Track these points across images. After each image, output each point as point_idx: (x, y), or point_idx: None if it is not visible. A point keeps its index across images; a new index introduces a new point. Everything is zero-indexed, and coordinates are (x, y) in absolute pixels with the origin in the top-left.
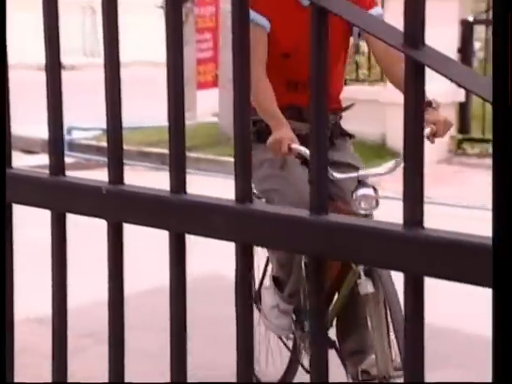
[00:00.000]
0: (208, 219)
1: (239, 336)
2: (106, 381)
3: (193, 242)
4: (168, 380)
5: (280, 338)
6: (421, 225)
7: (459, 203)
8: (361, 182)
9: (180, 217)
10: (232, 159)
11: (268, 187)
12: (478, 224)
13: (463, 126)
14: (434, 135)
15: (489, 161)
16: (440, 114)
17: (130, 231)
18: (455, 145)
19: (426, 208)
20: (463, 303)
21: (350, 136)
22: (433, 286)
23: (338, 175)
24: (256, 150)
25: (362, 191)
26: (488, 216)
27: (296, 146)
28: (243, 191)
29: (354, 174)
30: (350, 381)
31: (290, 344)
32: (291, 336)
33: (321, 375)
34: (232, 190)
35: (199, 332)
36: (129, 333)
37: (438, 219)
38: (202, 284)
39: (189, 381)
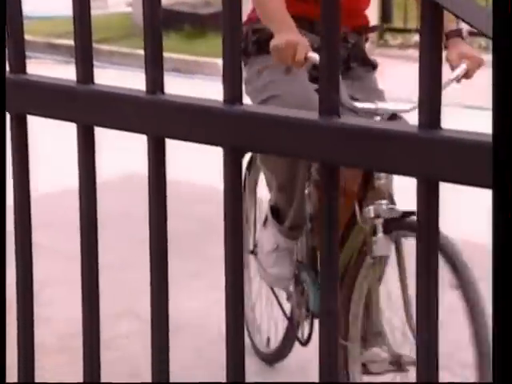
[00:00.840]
0: (117, 110)
1: (152, 232)
2: (14, 280)
3: (104, 142)
4: (79, 275)
5: (279, 304)
6: (336, 113)
7: None
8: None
9: (87, 108)
10: None
11: (268, 95)
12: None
13: (385, 15)
14: (464, 75)
15: (411, 52)
16: (470, 48)
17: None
18: (377, 35)
19: None
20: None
21: (374, 66)
22: None
23: (357, 104)
24: (254, 62)
25: None
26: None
27: (314, 55)
28: (154, 81)
29: (372, 106)
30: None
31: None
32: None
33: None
34: None
35: (112, 230)
36: (38, 232)
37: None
38: (117, 182)
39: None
